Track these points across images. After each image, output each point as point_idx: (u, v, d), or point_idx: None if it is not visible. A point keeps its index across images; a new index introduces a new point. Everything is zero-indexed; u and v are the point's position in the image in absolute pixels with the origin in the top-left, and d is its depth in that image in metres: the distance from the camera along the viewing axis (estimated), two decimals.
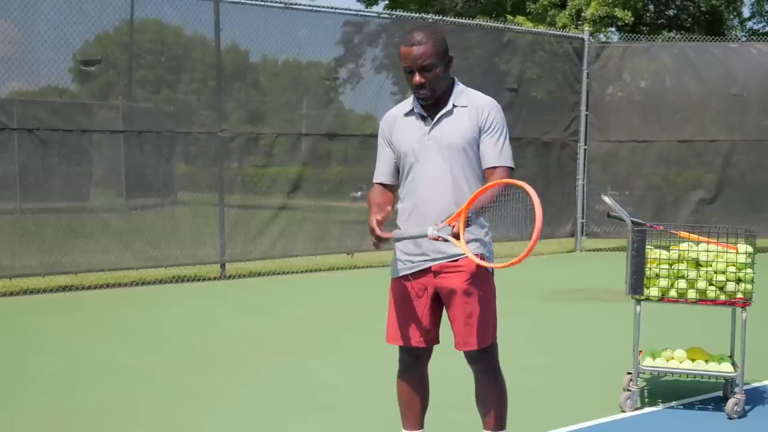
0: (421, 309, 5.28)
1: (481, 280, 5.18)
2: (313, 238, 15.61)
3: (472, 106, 5.20)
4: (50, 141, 13.08)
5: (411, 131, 5.24)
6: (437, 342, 5.39)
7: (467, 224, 4.80)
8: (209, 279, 14.32)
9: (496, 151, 5.17)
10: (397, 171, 5.42)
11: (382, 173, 5.44)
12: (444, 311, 5.31)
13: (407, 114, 5.29)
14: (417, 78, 5.07)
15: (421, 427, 5.52)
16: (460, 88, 5.27)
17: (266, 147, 15.27)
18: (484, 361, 5.29)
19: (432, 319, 5.30)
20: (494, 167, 5.15)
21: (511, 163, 5.19)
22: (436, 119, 5.18)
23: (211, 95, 14.79)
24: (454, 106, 5.19)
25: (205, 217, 14.62)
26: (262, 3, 14.73)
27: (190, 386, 7.82)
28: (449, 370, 6.23)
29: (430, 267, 5.22)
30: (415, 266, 5.26)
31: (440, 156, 5.15)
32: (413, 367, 5.44)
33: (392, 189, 5.48)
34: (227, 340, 9.77)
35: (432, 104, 5.21)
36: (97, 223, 13.72)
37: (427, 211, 5.16)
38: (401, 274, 5.33)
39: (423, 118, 5.22)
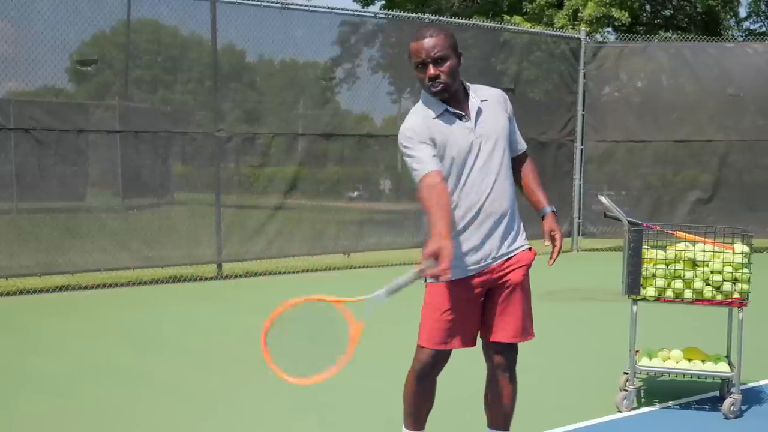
0: (477, 309, 5.28)
1: (528, 274, 5.36)
2: (310, 238, 15.61)
3: (492, 99, 5.25)
4: (47, 141, 13.07)
5: (455, 131, 5.12)
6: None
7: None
8: (206, 279, 14.31)
9: (519, 137, 5.47)
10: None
11: (433, 162, 5.05)
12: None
13: (438, 116, 5.13)
14: (431, 70, 5.02)
15: (424, 427, 5.52)
16: (467, 83, 5.28)
17: (263, 147, 15.26)
18: (512, 356, 5.37)
19: (479, 318, 5.32)
20: (524, 151, 5.50)
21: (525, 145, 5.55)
22: (474, 116, 5.15)
23: (207, 95, 14.78)
24: (480, 100, 5.20)
25: (201, 217, 14.61)
26: (259, 3, 14.72)
27: (187, 386, 7.82)
28: (448, 368, 6.23)
29: (493, 265, 5.23)
30: (479, 267, 5.22)
31: (496, 151, 5.17)
32: (434, 372, 5.39)
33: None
34: (224, 340, 9.77)
35: (456, 103, 5.15)
36: (93, 223, 13.71)
37: (496, 209, 5.18)
38: (460, 276, 5.19)
39: (459, 117, 5.14)
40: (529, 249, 5.32)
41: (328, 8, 15.79)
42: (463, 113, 5.14)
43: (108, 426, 6.66)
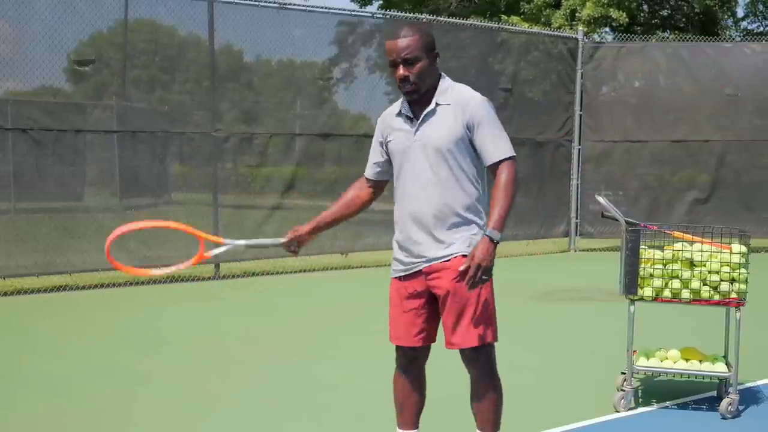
0: (417, 308, 5.30)
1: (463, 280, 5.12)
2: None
3: (455, 103, 5.13)
4: (44, 141, 13.07)
5: (398, 133, 5.24)
6: (433, 341, 5.40)
7: None
8: (203, 279, 14.32)
9: (492, 146, 5.13)
10: (384, 170, 5.51)
11: (369, 168, 5.60)
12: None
13: (397, 115, 5.27)
14: (401, 71, 5.04)
15: (416, 427, 5.52)
16: (445, 84, 5.20)
17: (260, 147, 15.27)
18: (480, 362, 5.26)
19: (427, 318, 5.31)
20: (496, 163, 5.12)
21: (509, 153, 5.15)
22: (420, 120, 5.15)
23: (205, 95, 14.78)
24: (437, 104, 5.14)
25: (199, 217, 14.59)
26: (256, 3, 14.72)
27: (184, 386, 7.82)
28: (445, 368, 6.23)
29: (422, 269, 5.23)
30: (407, 269, 5.29)
31: (425, 158, 5.13)
32: (410, 367, 5.45)
33: (376, 185, 5.64)
34: (222, 340, 9.77)
35: (419, 103, 5.17)
36: (91, 223, 13.70)
37: (416, 214, 5.21)
38: (396, 275, 5.39)
39: (409, 120, 5.19)
40: (465, 256, 5.13)
41: (326, 8, 15.79)
42: (413, 116, 5.19)
43: (105, 426, 6.66)
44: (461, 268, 4.97)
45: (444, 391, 6.53)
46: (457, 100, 5.15)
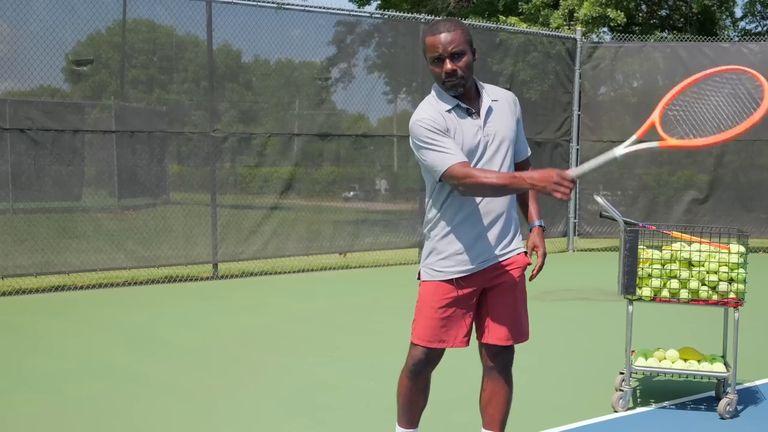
0: (469, 310, 5.26)
1: (524, 276, 5.31)
2: (306, 238, 15.61)
3: (503, 100, 5.24)
4: (42, 141, 13.08)
5: (464, 127, 5.09)
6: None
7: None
8: (202, 279, 14.32)
9: (525, 143, 5.46)
10: None
11: (458, 154, 4.98)
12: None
13: (450, 111, 5.10)
14: (448, 65, 4.97)
15: (417, 426, 5.51)
16: (480, 82, 5.25)
17: (258, 147, 15.27)
18: (508, 358, 5.35)
19: (473, 318, 5.32)
20: (527, 158, 5.46)
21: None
22: (484, 114, 5.13)
23: (203, 95, 14.79)
24: (492, 100, 5.18)
25: (197, 217, 14.61)
26: (255, 3, 14.73)
27: (183, 386, 7.82)
28: (443, 368, 6.23)
29: (489, 265, 5.20)
30: (476, 267, 5.19)
31: (498, 151, 5.14)
32: (427, 370, 5.38)
33: None
34: (221, 340, 9.77)
35: (468, 99, 5.14)
36: (89, 223, 13.71)
37: (491, 210, 5.15)
38: (454, 276, 5.21)
39: (470, 114, 5.12)
40: (525, 253, 5.28)
41: (324, 8, 15.79)
42: (473, 110, 5.12)
43: (104, 426, 6.66)
44: (538, 258, 5.30)
45: (443, 392, 6.53)
46: (503, 97, 5.28)
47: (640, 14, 32.61)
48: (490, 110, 5.14)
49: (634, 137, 4.88)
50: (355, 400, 7.30)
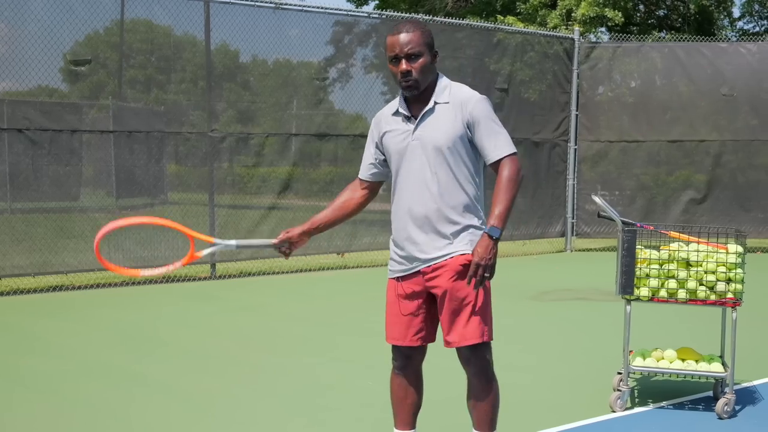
0: (415, 308, 5.30)
1: (465, 278, 5.14)
2: None
3: (454, 102, 5.14)
4: (40, 141, 13.07)
5: (396, 132, 5.23)
6: (432, 340, 5.40)
7: None
8: (200, 279, 14.32)
9: (493, 144, 5.11)
10: (379, 170, 5.51)
11: (363, 168, 5.57)
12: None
13: (394, 114, 5.26)
14: (403, 65, 5.03)
15: (413, 427, 5.51)
16: (443, 84, 5.20)
17: (256, 147, 15.27)
18: (476, 362, 5.25)
19: (425, 318, 5.31)
20: (498, 161, 5.10)
21: (510, 150, 5.11)
22: (419, 119, 5.14)
23: (201, 95, 14.78)
24: (435, 103, 5.14)
25: (195, 217, 14.60)
26: (252, 3, 14.72)
27: (181, 386, 7.82)
28: (442, 369, 6.23)
29: (420, 269, 5.22)
30: (406, 269, 5.28)
31: (424, 157, 5.12)
32: (407, 366, 5.43)
33: (370, 186, 5.61)
34: (218, 340, 9.77)
35: (417, 102, 5.17)
36: (87, 223, 13.69)
37: (414, 214, 5.19)
38: (393, 276, 5.38)
39: (407, 119, 5.18)
40: (464, 254, 5.16)
41: (322, 8, 15.79)
42: (411, 114, 5.18)
43: (101, 426, 6.66)
44: (471, 265, 5.02)
45: (441, 392, 6.54)
46: (456, 99, 5.15)
47: (638, 14, 32.61)
48: (427, 113, 5.16)
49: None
50: (353, 400, 7.30)
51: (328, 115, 16.37)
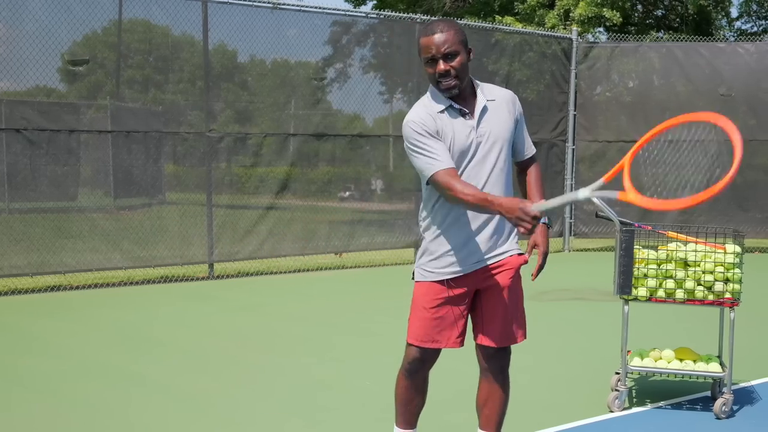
0: (463, 310, 5.26)
1: (519, 277, 5.31)
2: (301, 238, 15.60)
3: (501, 100, 5.23)
4: (38, 141, 13.06)
5: (456, 128, 5.09)
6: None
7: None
8: (197, 279, 14.31)
9: (528, 142, 5.46)
10: None
11: (446, 160, 5.02)
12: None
13: (443, 111, 5.10)
14: (441, 66, 4.98)
15: (414, 426, 5.51)
16: (477, 82, 5.24)
17: (254, 147, 15.26)
18: (503, 360, 5.34)
19: (467, 319, 5.30)
20: (531, 156, 5.45)
21: (534, 148, 5.50)
22: (478, 115, 5.12)
23: (199, 95, 14.77)
24: (487, 100, 5.17)
25: (193, 217, 14.60)
26: (250, 3, 14.71)
27: (179, 386, 7.81)
28: (440, 369, 6.23)
29: (480, 267, 5.20)
30: (468, 268, 5.19)
31: (491, 152, 5.13)
32: (420, 370, 5.37)
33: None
34: (216, 340, 9.77)
35: (463, 99, 5.13)
36: (85, 223, 13.69)
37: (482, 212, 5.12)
38: (443, 278, 5.22)
39: (464, 114, 5.12)
40: (520, 254, 5.27)
41: (320, 8, 15.78)
42: (467, 110, 5.12)
43: (99, 426, 6.66)
44: (528, 255, 5.29)
45: (440, 392, 6.54)
46: (502, 96, 5.27)
47: (636, 14, 32.63)
48: (484, 110, 5.14)
49: (600, 181, 4.88)
50: (351, 400, 7.30)
51: (326, 115, 16.36)
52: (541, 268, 5.25)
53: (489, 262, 5.19)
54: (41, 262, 13.13)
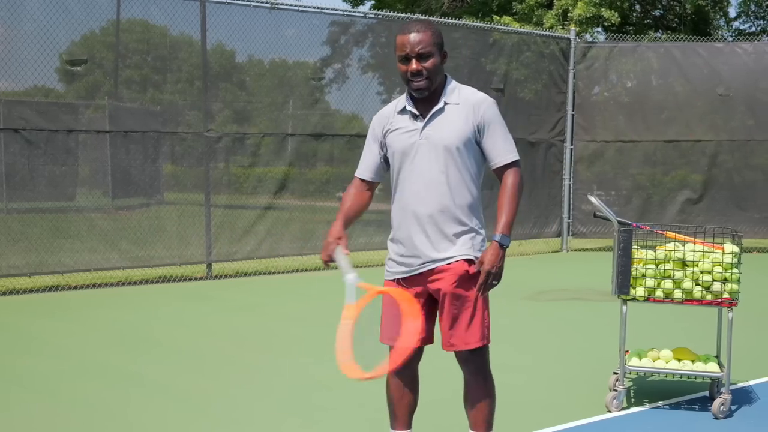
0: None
1: (472, 282, 5.15)
2: (299, 238, 15.60)
3: (465, 104, 5.15)
4: (36, 141, 13.06)
5: (402, 130, 5.20)
6: (430, 342, 5.39)
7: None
8: (196, 279, 14.30)
9: (501, 149, 5.18)
10: (381, 169, 5.46)
11: (364, 168, 5.50)
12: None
13: (400, 112, 5.24)
14: (414, 65, 5.03)
15: (409, 427, 5.51)
16: (452, 85, 5.23)
17: (252, 147, 15.26)
18: (474, 362, 5.29)
19: (425, 319, 5.26)
20: (501, 166, 5.17)
21: (516, 157, 5.20)
22: (428, 117, 5.13)
23: (197, 95, 14.77)
24: (446, 103, 5.14)
25: (191, 217, 14.60)
26: (248, 3, 14.71)
27: (177, 386, 7.81)
28: (438, 369, 6.24)
29: (422, 271, 5.21)
30: (409, 270, 5.26)
31: (432, 156, 5.11)
32: (409, 366, 5.37)
33: (371, 186, 5.55)
34: (215, 340, 9.77)
35: (424, 102, 5.16)
36: (83, 223, 13.69)
37: (419, 214, 5.17)
38: (394, 277, 5.36)
39: (415, 117, 5.17)
40: (469, 260, 5.15)
41: (318, 8, 15.78)
42: (419, 113, 5.17)
43: (98, 426, 6.66)
44: (481, 273, 5.06)
45: (437, 392, 6.54)
46: (467, 101, 5.17)
47: (634, 14, 32.63)
48: (437, 113, 5.16)
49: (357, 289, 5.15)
50: (349, 400, 7.30)
51: (325, 115, 16.35)
52: (482, 285, 5.07)
53: (434, 266, 5.19)
54: (39, 262, 13.13)
